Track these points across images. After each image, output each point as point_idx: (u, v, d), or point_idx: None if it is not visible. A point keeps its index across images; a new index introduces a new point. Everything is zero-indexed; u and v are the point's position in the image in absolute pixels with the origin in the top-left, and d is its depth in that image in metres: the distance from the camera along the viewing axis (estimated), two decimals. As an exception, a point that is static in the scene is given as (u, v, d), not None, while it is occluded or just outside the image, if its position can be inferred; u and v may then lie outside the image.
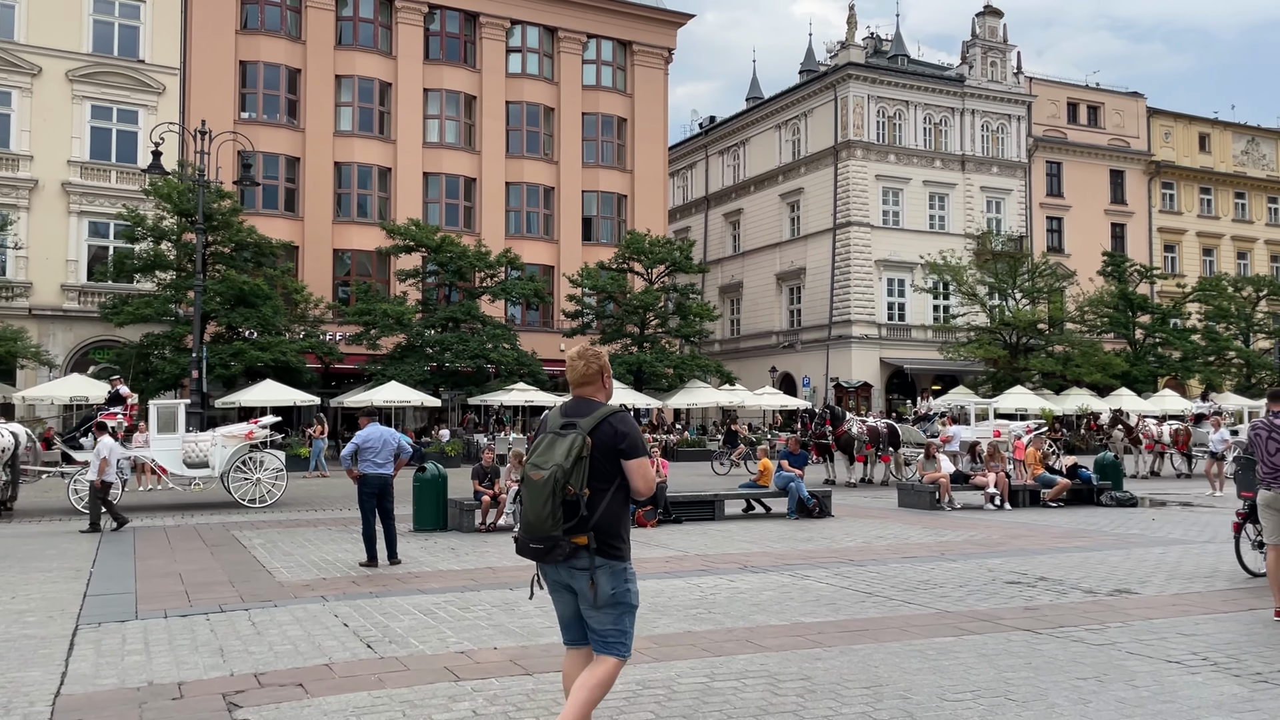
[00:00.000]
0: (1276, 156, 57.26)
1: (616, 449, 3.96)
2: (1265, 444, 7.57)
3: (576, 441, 3.88)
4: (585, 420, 3.98)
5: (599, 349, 4.31)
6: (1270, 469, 7.50)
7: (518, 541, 4.04)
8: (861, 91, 47.60)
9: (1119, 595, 8.45)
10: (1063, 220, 51.57)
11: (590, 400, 4.11)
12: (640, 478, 4.00)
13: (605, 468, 3.94)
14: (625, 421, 4.03)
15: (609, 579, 3.96)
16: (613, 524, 3.97)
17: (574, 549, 3.89)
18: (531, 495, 3.89)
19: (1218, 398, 41.64)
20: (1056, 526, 13.99)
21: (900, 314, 48.07)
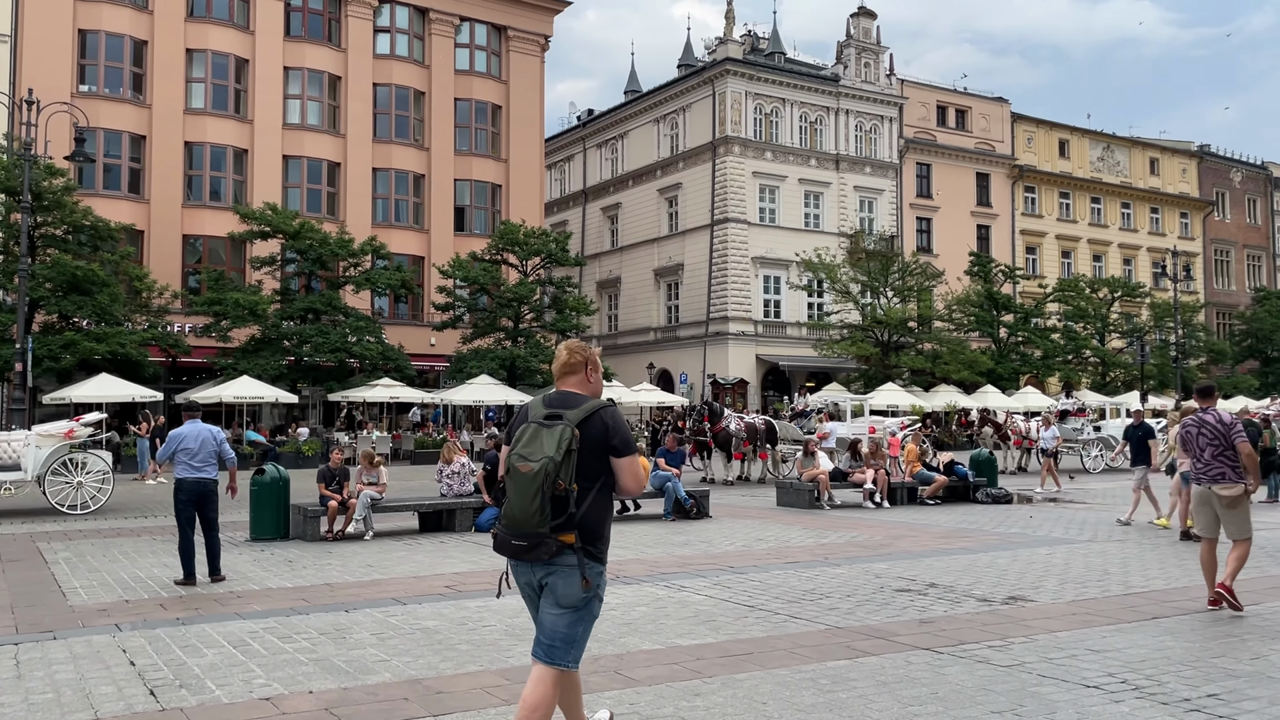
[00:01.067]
0: (1129, 163, 59.98)
1: (607, 445, 3.77)
2: (1196, 440, 7.65)
3: (566, 433, 3.67)
4: (573, 412, 3.77)
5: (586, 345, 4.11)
6: (1202, 465, 7.59)
7: (496, 538, 3.77)
8: (739, 88, 47.45)
9: (1014, 603, 7.88)
10: (932, 221, 52.68)
11: (575, 393, 3.92)
12: (630, 476, 3.82)
13: (591, 464, 3.75)
14: (616, 417, 3.83)
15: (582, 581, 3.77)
16: (596, 524, 3.79)
17: (560, 547, 3.68)
18: (519, 489, 3.65)
19: (1077, 394, 43.10)
20: (938, 525, 13.59)
21: (776, 311, 48.19)
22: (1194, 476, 7.70)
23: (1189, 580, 8.90)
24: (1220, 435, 7.57)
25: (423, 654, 6.27)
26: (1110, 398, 39.58)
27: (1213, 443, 7.59)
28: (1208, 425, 7.65)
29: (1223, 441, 7.54)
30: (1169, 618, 7.21)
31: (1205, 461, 7.59)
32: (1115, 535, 12.33)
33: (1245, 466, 7.49)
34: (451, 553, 11.15)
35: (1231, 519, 7.54)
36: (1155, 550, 10.95)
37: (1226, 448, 7.52)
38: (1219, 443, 7.56)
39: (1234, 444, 7.50)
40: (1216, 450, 7.57)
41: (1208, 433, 7.62)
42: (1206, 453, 7.60)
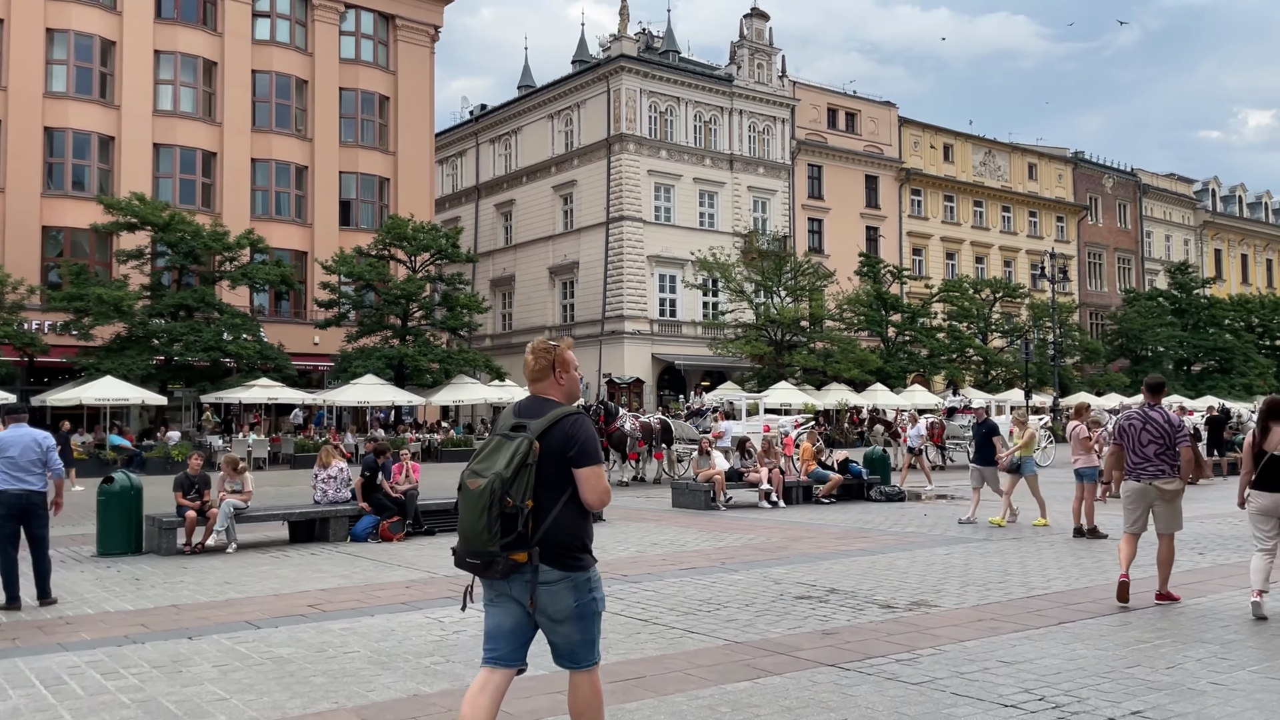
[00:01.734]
0: (1009, 168, 61.94)
1: (566, 456, 3.59)
2: (1138, 435, 7.65)
3: (521, 447, 3.52)
4: (536, 422, 3.61)
5: (552, 342, 3.86)
6: (1140, 459, 7.62)
7: (456, 553, 3.65)
8: (634, 85, 47.07)
9: (918, 609, 7.52)
10: (823, 222, 53.31)
11: (545, 399, 3.76)
12: (590, 489, 3.62)
13: (556, 475, 3.59)
14: (579, 425, 3.64)
15: (571, 592, 3.61)
16: (569, 534, 3.62)
17: (512, 566, 3.52)
18: (467, 506, 3.53)
19: (963, 392, 44.11)
20: (835, 525, 13.32)
21: (672, 310, 48.01)
22: (1130, 472, 7.70)
23: (1089, 580, 8.74)
24: (1166, 434, 7.62)
25: (270, 689, 5.50)
26: (993, 395, 40.61)
27: (1156, 440, 7.62)
28: (1153, 422, 7.67)
29: (1167, 440, 7.60)
30: (1075, 622, 6.94)
31: (1146, 457, 7.61)
32: (1010, 534, 12.25)
33: (1184, 468, 7.59)
34: (322, 566, 10.29)
35: (1167, 513, 7.63)
36: (1051, 549, 10.84)
37: (1170, 447, 7.58)
38: (1163, 441, 7.60)
39: (1177, 446, 7.59)
40: (1160, 448, 7.60)
41: (1152, 429, 7.64)
42: (1150, 449, 7.61)
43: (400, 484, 12.97)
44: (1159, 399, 7.97)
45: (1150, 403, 7.91)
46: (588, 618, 3.68)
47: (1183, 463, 7.59)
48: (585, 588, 3.65)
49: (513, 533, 3.49)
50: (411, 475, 13.17)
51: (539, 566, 3.54)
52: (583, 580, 3.64)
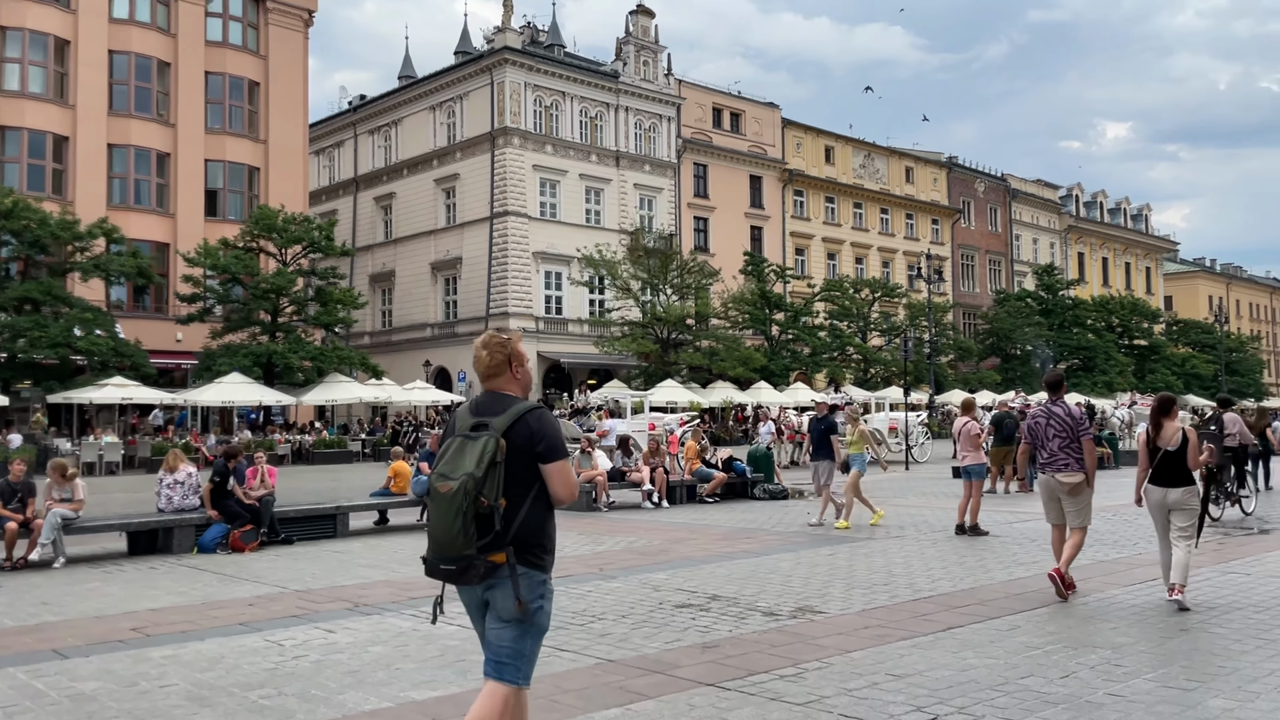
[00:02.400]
0: (887, 172, 63.37)
1: (533, 451, 3.52)
2: (1044, 431, 7.80)
3: (489, 445, 3.44)
4: (498, 420, 3.53)
5: (505, 336, 3.78)
6: (1047, 454, 7.77)
7: (427, 562, 3.54)
8: (518, 78, 46.20)
9: (803, 616, 7.14)
10: (709, 221, 53.43)
11: (503, 395, 3.66)
12: (560, 484, 3.58)
13: (523, 472, 3.52)
14: (543, 420, 3.59)
15: (527, 590, 3.48)
16: (535, 532, 3.55)
17: (490, 568, 3.43)
18: (439, 510, 3.41)
19: (845, 390, 44.78)
20: (719, 526, 12.95)
21: (558, 307, 47.33)
22: (1040, 466, 7.87)
23: (974, 580, 8.53)
24: (1069, 428, 7.74)
25: (60, 737, 4.70)
26: (871, 392, 41.33)
27: (1060, 434, 7.75)
28: (1056, 417, 7.80)
29: (1070, 434, 7.72)
30: (963, 627, 6.65)
31: (1051, 452, 7.75)
32: (892, 533, 12.09)
33: (1088, 460, 7.71)
34: (159, 581, 9.33)
35: (1074, 506, 7.75)
36: (935, 548, 10.68)
37: (1073, 440, 7.71)
38: (1066, 435, 7.73)
39: (1080, 438, 7.71)
40: (1064, 441, 7.73)
41: (1056, 424, 7.78)
42: (1054, 443, 7.75)
43: (255, 489, 12.02)
44: (1060, 395, 8.09)
45: (1053, 399, 8.02)
46: (529, 626, 3.53)
47: (1086, 454, 7.69)
48: (538, 590, 3.54)
49: (489, 533, 3.39)
50: (267, 480, 12.22)
51: (516, 565, 3.46)
52: (539, 580, 3.55)
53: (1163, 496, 7.32)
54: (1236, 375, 67.46)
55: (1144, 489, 7.44)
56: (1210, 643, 6.02)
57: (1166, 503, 7.31)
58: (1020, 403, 32.39)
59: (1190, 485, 7.35)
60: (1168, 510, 7.32)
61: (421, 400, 37.12)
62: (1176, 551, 7.21)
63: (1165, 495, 7.30)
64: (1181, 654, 5.76)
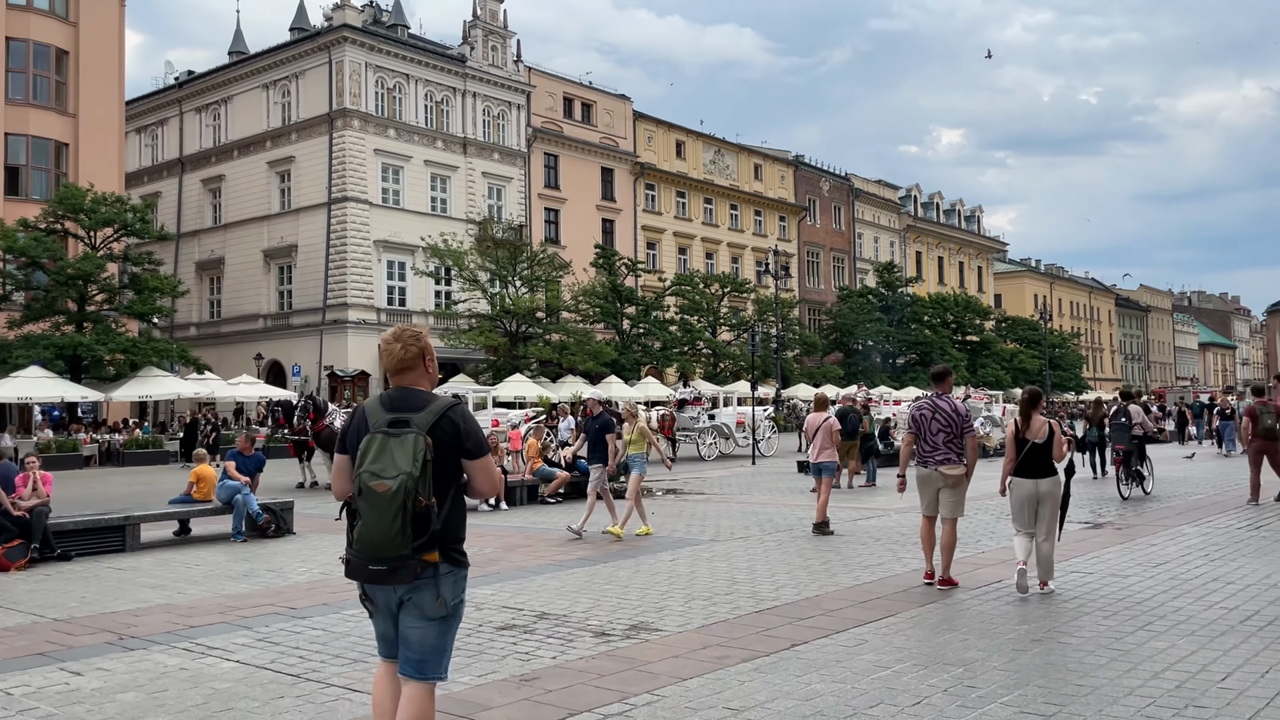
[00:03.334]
0: (737, 168, 64.03)
1: (461, 448, 3.52)
2: (929, 423, 7.83)
3: (419, 444, 3.38)
4: (420, 416, 3.47)
5: (418, 329, 3.74)
6: (930, 447, 7.80)
7: (350, 564, 3.46)
8: (359, 57, 44.14)
9: (637, 635, 6.46)
10: (560, 212, 52.59)
11: (416, 390, 3.59)
12: (485, 479, 3.61)
13: (447, 469, 3.49)
14: (467, 417, 3.58)
15: (452, 587, 3.50)
16: (456, 529, 3.55)
17: (422, 567, 3.38)
18: (377, 511, 3.31)
19: (693, 384, 44.82)
20: (557, 530, 12.19)
21: (401, 299, 45.58)
22: (919, 459, 7.89)
23: (818, 585, 8.06)
24: (953, 422, 7.80)
25: None
26: (721, 387, 41.49)
27: (945, 428, 7.80)
28: (942, 411, 7.85)
29: (954, 429, 7.79)
30: (808, 643, 6.11)
31: (935, 445, 7.80)
32: (737, 533, 11.61)
33: (970, 455, 7.80)
34: (-115, 614, 7.85)
35: (952, 498, 7.84)
36: (780, 550, 10.23)
37: (957, 435, 7.79)
38: (951, 429, 7.79)
39: (964, 433, 7.80)
40: (948, 436, 7.79)
41: (941, 418, 7.82)
42: (939, 437, 7.79)
43: (25, 499, 10.51)
44: (946, 388, 8.15)
45: (938, 392, 8.09)
46: (452, 620, 3.57)
47: (968, 450, 7.81)
48: (462, 585, 3.56)
49: (425, 533, 3.36)
50: (41, 488, 10.71)
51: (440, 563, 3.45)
52: (462, 576, 3.56)
53: (1033, 488, 7.52)
54: (1059, 370, 71.47)
55: (1011, 481, 7.66)
56: (1064, 656, 5.66)
57: (1037, 494, 7.51)
58: (863, 397, 33.04)
59: (1055, 476, 7.60)
60: (1036, 501, 7.52)
61: (249, 396, 34.88)
62: (1041, 547, 7.51)
63: (1036, 486, 7.52)
64: (1036, 670, 5.37)
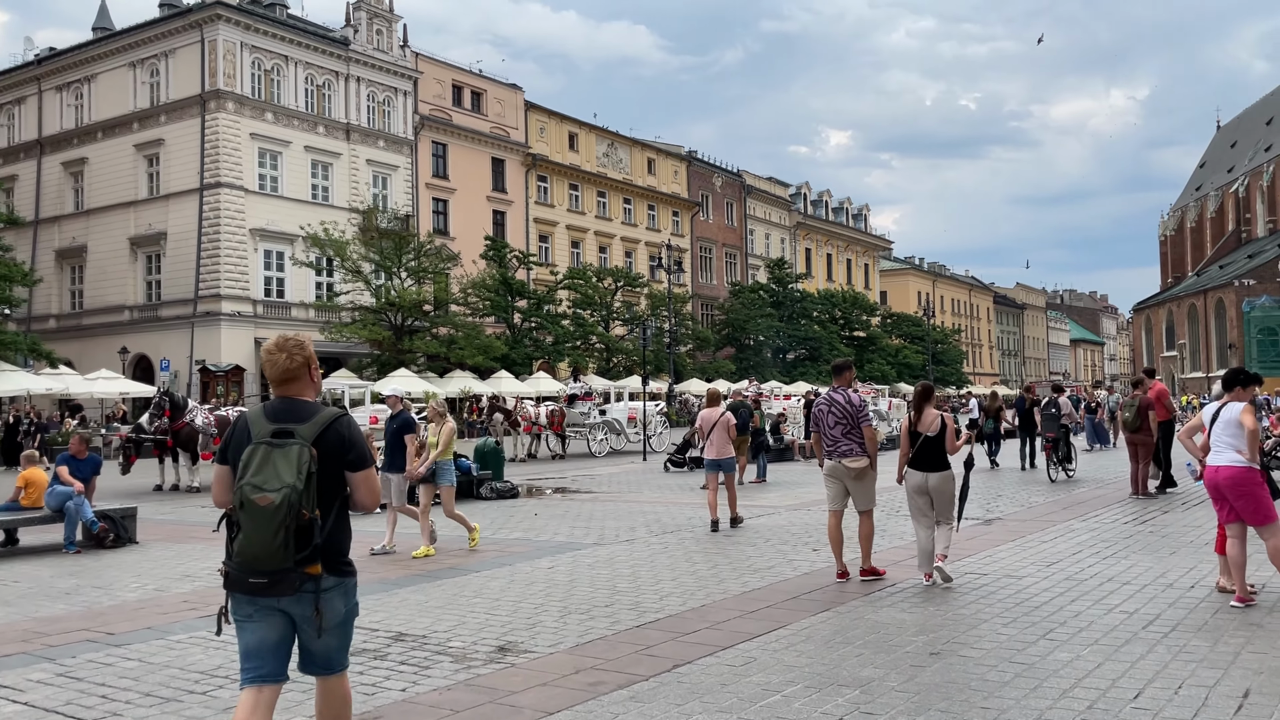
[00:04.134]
0: (630, 162, 63.57)
1: (344, 460, 3.48)
2: (826, 417, 7.85)
3: (303, 456, 3.34)
4: (305, 427, 3.43)
5: (301, 337, 3.67)
6: (831, 440, 7.81)
7: (229, 576, 3.39)
8: (234, 37, 41.97)
9: (503, 659, 5.77)
10: (449, 203, 51.20)
11: (301, 400, 3.57)
12: (367, 491, 3.56)
13: (331, 481, 3.45)
14: (351, 428, 3.54)
15: (342, 599, 3.50)
16: (341, 541, 3.53)
17: (304, 579, 3.35)
18: (258, 524, 3.26)
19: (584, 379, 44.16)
20: (445, 535, 11.35)
21: (280, 290, 43.57)
22: (825, 453, 7.89)
23: (706, 594, 7.51)
24: (849, 415, 7.78)
25: None
26: (614, 382, 40.98)
27: (842, 421, 7.79)
28: (838, 404, 7.84)
29: (851, 421, 7.76)
30: (692, 663, 5.53)
31: (835, 438, 7.78)
32: (623, 535, 11.01)
33: (869, 446, 7.76)
34: None
35: (859, 490, 7.81)
36: (666, 553, 9.66)
37: (854, 427, 7.76)
38: (847, 421, 7.77)
39: (860, 426, 7.77)
40: (845, 428, 7.76)
41: (837, 411, 7.81)
42: (837, 430, 7.77)
43: None
44: (845, 381, 8.11)
45: (836, 385, 8.08)
46: (350, 623, 3.60)
47: (867, 441, 7.76)
48: (352, 594, 3.56)
49: (308, 546, 3.32)
50: None
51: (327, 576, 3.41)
52: (351, 586, 3.56)
53: (922, 481, 7.61)
54: (942, 365, 73.37)
55: (905, 473, 7.73)
56: (965, 672, 5.22)
57: (926, 487, 7.60)
58: (754, 391, 32.95)
59: (947, 470, 7.64)
60: (927, 494, 7.61)
61: (108, 392, 32.71)
62: (937, 531, 7.61)
63: (925, 480, 7.60)
64: (938, 691, 4.89)
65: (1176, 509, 12.20)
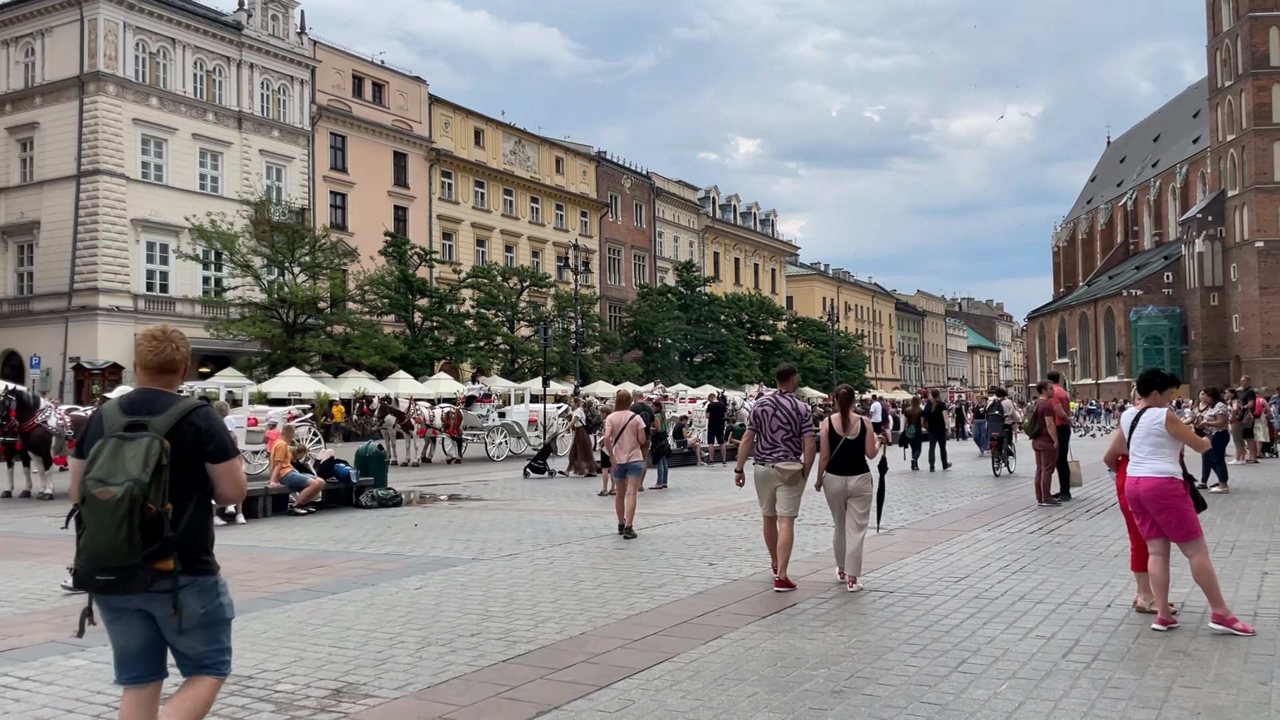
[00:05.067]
0: (538, 160, 62.51)
1: (203, 452, 3.34)
2: (769, 420, 7.74)
3: (153, 448, 3.20)
4: (159, 419, 3.29)
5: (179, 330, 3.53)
6: (768, 444, 7.72)
7: (76, 574, 3.32)
8: (116, 16, 39.67)
9: (335, 708, 4.90)
10: (347, 197, 49.42)
11: (160, 392, 3.42)
12: (231, 484, 3.43)
13: (189, 474, 3.31)
14: (210, 419, 3.39)
15: (198, 598, 3.35)
16: (200, 536, 3.38)
17: (155, 576, 3.21)
18: (100, 519, 3.14)
19: (486, 380, 43.06)
20: (293, 550, 10.32)
21: (164, 284, 41.37)
22: (758, 456, 7.79)
23: (586, 618, 6.73)
24: (794, 421, 7.72)
25: None
26: (517, 384, 39.96)
27: (784, 426, 7.73)
28: (783, 409, 7.77)
29: (794, 428, 7.70)
30: (557, 708, 4.74)
31: (774, 443, 7.70)
32: (506, 549, 10.15)
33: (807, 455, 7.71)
34: None
35: (788, 495, 7.72)
36: (549, 569, 8.85)
37: (795, 434, 7.70)
38: (790, 427, 7.71)
39: (802, 432, 7.72)
40: (787, 434, 7.70)
41: (781, 416, 7.74)
42: (778, 434, 7.69)
43: None
44: (789, 386, 8.04)
45: (781, 390, 7.99)
46: (215, 625, 3.44)
47: (805, 450, 7.72)
48: (213, 591, 3.41)
49: (156, 540, 3.18)
50: None
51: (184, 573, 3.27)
52: (210, 584, 3.39)
53: (843, 485, 7.60)
54: (845, 370, 74.12)
55: (825, 477, 7.69)
56: (872, 716, 4.55)
57: (846, 490, 7.59)
58: (658, 394, 32.37)
59: (866, 473, 7.65)
60: (846, 497, 7.61)
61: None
62: (851, 541, 7.54)
63: (845, 483, 7.59)
64: (840, 742, 4.21)
65: (1081, 517, 11.92)
